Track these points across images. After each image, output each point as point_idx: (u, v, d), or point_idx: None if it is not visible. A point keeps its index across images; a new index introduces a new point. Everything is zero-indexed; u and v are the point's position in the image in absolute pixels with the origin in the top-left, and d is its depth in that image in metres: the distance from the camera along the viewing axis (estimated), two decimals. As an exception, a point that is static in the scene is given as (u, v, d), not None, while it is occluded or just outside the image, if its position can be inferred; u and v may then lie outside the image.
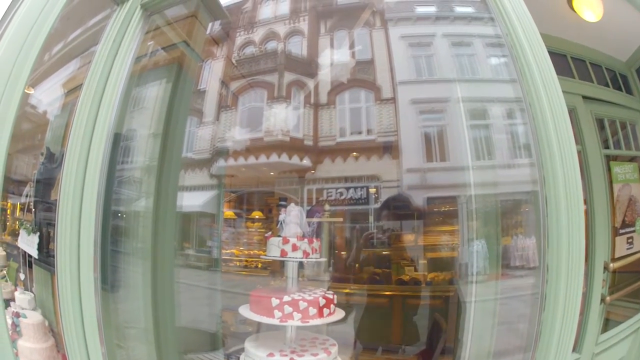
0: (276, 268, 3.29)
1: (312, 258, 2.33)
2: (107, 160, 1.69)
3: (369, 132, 3.17)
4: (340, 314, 2.22)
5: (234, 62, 3.33)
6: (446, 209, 3.16)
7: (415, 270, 3.32)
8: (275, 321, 2.05)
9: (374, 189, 3.10)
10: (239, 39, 3.44)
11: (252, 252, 3.26)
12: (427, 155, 3.00)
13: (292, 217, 2.40)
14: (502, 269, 3.04)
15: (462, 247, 3.13)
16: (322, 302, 2.14)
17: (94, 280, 1.66)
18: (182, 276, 3.32)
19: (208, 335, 2.99)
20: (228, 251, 3.27)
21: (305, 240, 2.33)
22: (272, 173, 3.16)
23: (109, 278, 1.84)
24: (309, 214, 2.91)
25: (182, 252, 3.36)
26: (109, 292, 1.86)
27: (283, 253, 2.25)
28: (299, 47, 3.30)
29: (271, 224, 3.30)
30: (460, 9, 3.41)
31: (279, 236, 2.34)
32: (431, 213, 3.21)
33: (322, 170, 3.12)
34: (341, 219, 2.96)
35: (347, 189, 3.04)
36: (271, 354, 2.08)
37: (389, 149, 3.05)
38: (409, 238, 3.29)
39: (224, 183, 3.21)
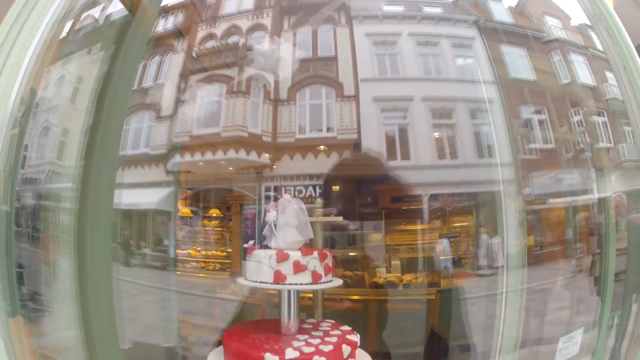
0: (236, 269, 3.06)
1: (325, 283, 1.52)
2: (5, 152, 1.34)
3: (329, 129, 2.95)
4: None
5: (194, 55, 3.14)
6: (411, 208, 3.04)
7: (388, 271, 3.06)
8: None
9: (336, 187, 2.95)
10: (201, 33, 3.24)
11: (209, 253, 3.06)
12: (389, 153, 2.87)
13: (289, 217, 1.55)
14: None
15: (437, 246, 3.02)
16: (347, 351, 1.40)
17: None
18: (138, 276, 3.09)
19: (165, 354, 2.58)
20: (185, 251, 3.06)
21: (315, 254, 1.49)
22: (230, 168, 2.97)
23: (16, 301, 1.44)
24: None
25: (139, 251, 3.14)
26: (17, 312, 1.47)
27: (279, 277, 1.43)
28: (260, 42, 3.13)
29: (229, 222, 3.11)
30: (428, 9, 3.30)
31: (267, 247, 1.55)
32: (396, 212, 3.07)
33: (280, 168, 2.92)
34: (340, 218, 2.44)
35: (306, 186, 2.87)
36: None
37: (350, 146, 2.92)
38: (376, 237, 3.14)
39: (180, 179, 3.01)
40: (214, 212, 3.13)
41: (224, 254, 3.09)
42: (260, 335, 1.49)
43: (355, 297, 2.82)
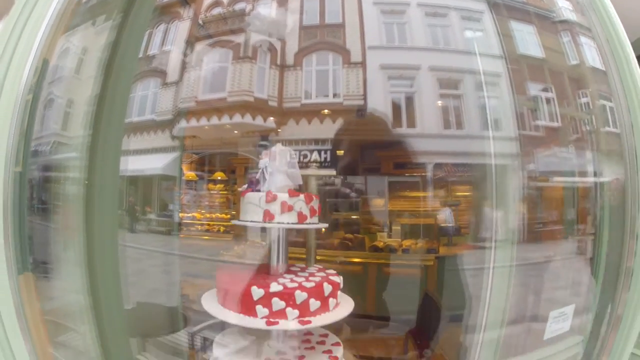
0: (240, 231, 3.08)
1: (311, 224, 1.61)
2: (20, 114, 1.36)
3: (335, 95, 2.92)
4: (348, 303, 1.60)
5: (200, 22, 3.11)
6: (414, 175, 3.05)
7: (389, 236, 3.11)
8: (259, 323, 1.39)
9: (341, 152, 2.96)
10: (207, 0, 3.22)
11: (214, 216, 3.08)
12: (395, 120, 2.86)
13: (279, 164, 1.66)
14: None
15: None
16: (328, 289, 1.48)
17: (6, 260, 1.30)
18: (143, 242, 3.12)
19: (167, 313, 2.60)
20: (189, 214, 3.09)
21: (301, 196, 1.59)
22: (236, 132, 2.97)
23: (28, 257, 1.46)
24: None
25: (144, 216, 3.16)
26: (29, 272, 1.48)
27: (268, 216, 1.52)
28: (267, 8, 3.11)
29: (234, 185, 3.12)
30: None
31: (259, 191, 1.63)
32: (399, 178, 3.08)
33: (286, 132, 2.90)
34: (334, 172, 2.53)
35: (311, 151, 2.88)
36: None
37: (355, 112, 2.91)
38: (378, 202, 3.14)
39: (185, 144, 3.01)
40: (219, 175, 3.15)
41: (228, 216, 3.12)
42: (249, 274, 1.62)
43: (355, 260, 2.85)
